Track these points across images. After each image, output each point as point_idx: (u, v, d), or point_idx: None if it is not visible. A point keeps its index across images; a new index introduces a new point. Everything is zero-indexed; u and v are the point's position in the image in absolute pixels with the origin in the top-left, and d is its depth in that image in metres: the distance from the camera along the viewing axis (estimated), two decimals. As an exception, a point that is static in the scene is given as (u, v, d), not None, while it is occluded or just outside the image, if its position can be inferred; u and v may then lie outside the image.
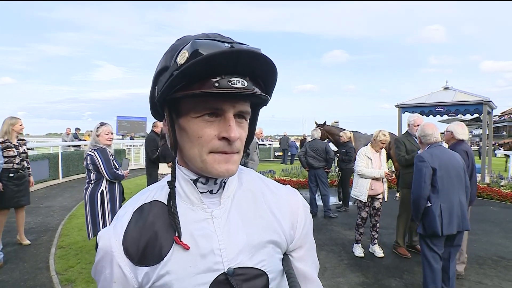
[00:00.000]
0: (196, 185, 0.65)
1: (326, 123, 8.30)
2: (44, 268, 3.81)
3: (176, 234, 0.61)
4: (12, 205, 4.35)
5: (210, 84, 0.54)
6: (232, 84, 0.54)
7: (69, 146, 13.00)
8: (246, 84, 0.56)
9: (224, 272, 0.61)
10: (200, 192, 0.65)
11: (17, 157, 4.28)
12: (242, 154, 0.64)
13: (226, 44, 0.55)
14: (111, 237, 0.63)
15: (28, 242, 4.60)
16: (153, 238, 0.62)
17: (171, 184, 0.65)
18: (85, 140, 13.76)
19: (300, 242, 0.73)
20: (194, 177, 0.65)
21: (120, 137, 21.29)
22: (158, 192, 0.68)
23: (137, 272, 0.61)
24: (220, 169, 0.60)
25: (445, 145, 4.00)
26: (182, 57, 0.54)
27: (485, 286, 3.45)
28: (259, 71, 0.58)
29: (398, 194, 7.67)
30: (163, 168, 5.06)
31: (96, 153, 3.39)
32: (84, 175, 4.35)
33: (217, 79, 0.54)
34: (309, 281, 0.74)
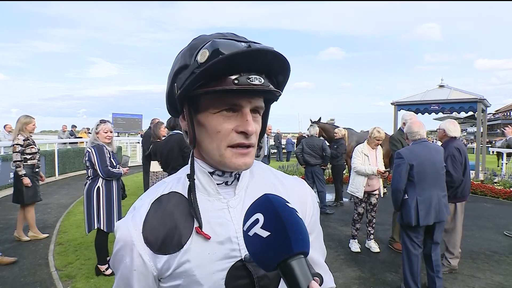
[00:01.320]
0: (212, 177, 0.68)
1: (321, 120, 8.35)
2: (44, 264, 3.83)
3: (197, 225, 0.64)
4: (38, 199, 4.65)
5: (229, 81, 0.58)
6: (250, 81, 0.58)
7: (65, 143, 12.94)
8: (263, 81, 0.60)
9: (241, 258, 0.64)
10: (216, 184, 0.68)
11: (37, 153, 4.54)
12: (256, 147, 0.68)
13: (243, 44, 0.59)
14: (130, 226, 0.65)
15: (44, 235, 4.77)
16: (173, 227, 0.64)
17: (191, 177, 0.68)
18: (81, 138, 13.70)
19: (309, 230, 0.77)
20: (211, 170, 0.68)
21: (116, 134, 21.18)
22: (175, 184, 0.71)
23: (156, 260, 0.64)
24: (238, 162, 0.64)
25: (439, 143, 4.07)
26: (202, 56, 0.58)
27: (478, 279, 3.53)
28: (274, 69, 0.62)
29: (385, 190, 7.76)
30: (155, 166, 5.00)
31: (92, 150, 3.42)
32: (81, 172, 4.37)
33: (236, 76, 0.58)
34: (317, 267, 0.78)
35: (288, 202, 0.51)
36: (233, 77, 0.58)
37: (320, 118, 8.37)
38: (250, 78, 0.58)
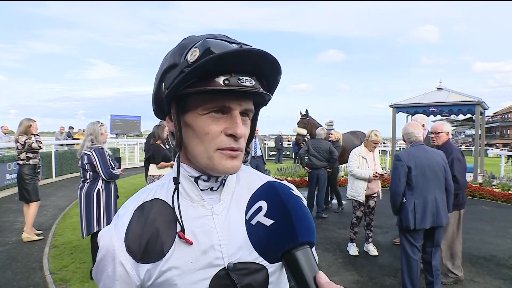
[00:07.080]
0: (197, 183, 0.66)
1: (308, 113, 7.95)
2: (38, 268, 3.77)
3: (179, 229, 0.62)
4: (39, 198, 4.77)
5: (219, 81, 0.56)
6: (241, 82, 0.56)
7: (62, 145, 12.88)
8: (253, 83, 0.58)
9: (225, 267, 0.62)
10: (201, 190, 0.66)
11: (38, 153, 4.74)
12: (244, 151, 0.65)
13: (234, 45, 0.57)
14: (113, 235, 0.63)
15: (38, 237, 4.74)
16: (155, 235, 0.63)
17: (176, 180, 0.66)
18: (78, 139, 13.63)
19: None
20: (196, 175, 0.66)
21: (114, 136, 21.10)
22: (158, 190, 0.69)
23: (139, 269, 0.62)
24: (227, 165, 0.61)
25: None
26: (193, 55, 0.56)
27: (477, 284, 3.50)
28: (265, 71, 0.60)
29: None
30: (152, 170, 4.95)
31: (94, 152, 3.37)
32: (78, 174, 4.37)
33: (227, 77, 0.56)
34: None
35: (292, 190, 0.48)
36: (223, 77, 0.56)
37: (306, 110, 8.01)
38: (241, 80, 0.56)
